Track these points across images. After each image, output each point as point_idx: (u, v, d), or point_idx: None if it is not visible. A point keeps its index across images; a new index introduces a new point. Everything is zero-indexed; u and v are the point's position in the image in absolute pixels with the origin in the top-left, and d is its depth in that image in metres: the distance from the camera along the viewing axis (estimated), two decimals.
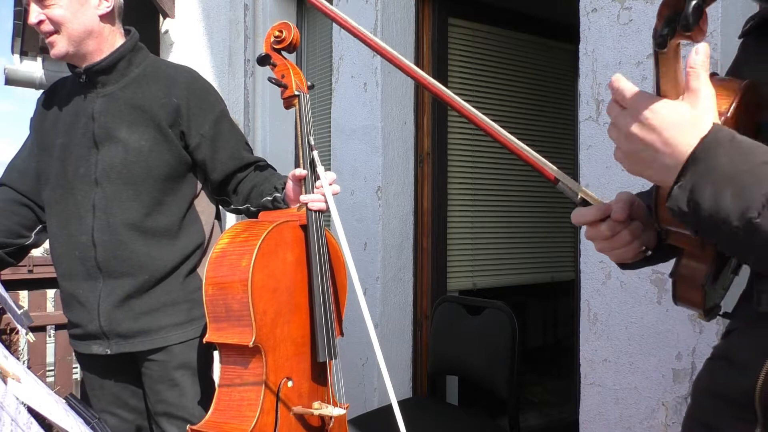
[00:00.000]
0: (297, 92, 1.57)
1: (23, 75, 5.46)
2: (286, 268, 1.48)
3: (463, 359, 2.29)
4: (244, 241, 1.45)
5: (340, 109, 2.93)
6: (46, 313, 2.96)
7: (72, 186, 1.63)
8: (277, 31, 1.59)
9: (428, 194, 2.81)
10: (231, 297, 1.42)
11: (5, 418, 0.81)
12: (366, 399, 2.68)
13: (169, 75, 1.67)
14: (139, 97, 1.63)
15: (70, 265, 1.65)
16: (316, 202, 1.49)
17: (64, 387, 2.87)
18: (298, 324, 1.50)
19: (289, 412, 1.45)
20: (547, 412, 3.67)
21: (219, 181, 1.70)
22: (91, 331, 1.64)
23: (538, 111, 3.48)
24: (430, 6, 2.84)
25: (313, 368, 1.52)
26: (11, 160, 1.79)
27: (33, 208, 1.72)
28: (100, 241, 1.60)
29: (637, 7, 1.66)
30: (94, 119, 1.62)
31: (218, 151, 1.67)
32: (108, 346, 1.64)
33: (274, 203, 1.60)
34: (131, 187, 1.61)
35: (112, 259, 1.61)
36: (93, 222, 1.61)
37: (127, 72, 1.66)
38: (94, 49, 1.62)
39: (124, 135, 1.61)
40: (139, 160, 1.60)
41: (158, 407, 1.67)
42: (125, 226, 1.60)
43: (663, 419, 1.60)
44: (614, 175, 1.71)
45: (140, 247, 1.61)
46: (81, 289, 1.64)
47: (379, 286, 2.67)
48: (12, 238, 1.68)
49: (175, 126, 1.63)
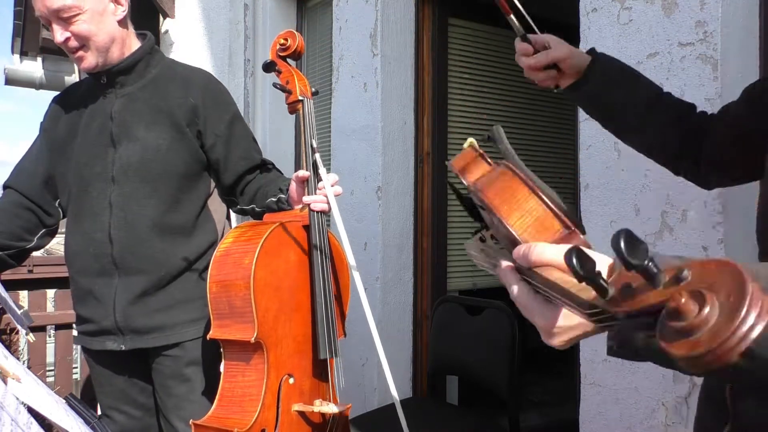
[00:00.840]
0: (301, 97, 1.61)
1: (23, 75, 5.47)
2: (288, 267, 1.52)
3: (463, 359, 2.29)
4: (248, 240, 1.49)
5: (340, 109, 2.93)
6: (46, 313, 2.96)
7: (87, 184, 1.65)
8: (283, 39, 1.65)
9: (428, 194, 2.81)
10: (234, 294, 1.45)
11: (5, 418, 0.81)
12: (366, 399, 2.68)
13: (185, 76, 1.72)
14: (158, 97, 1.67)
15: (85, 262, 1.67)
16: (318, 203, 1.52)
17: (64, 387, 2.87)
18: (300, 322, 1.53)
19: (291, 408, 1.48)
20: (547, 412, 3.67)
21: (231, 181, 1.74)
22: (106, 326, 1.66)
23: (538, 111, 3.48)
24: (430, 6, 2.84)
25: (315, 366, 1.55)
26: (19, 162, 1.80)
27: (37, 212, 1.73)
28: (117, 238, 1.63)
29: (637, 7, 1.66)
30: (112, 119, 1.65)
31: (231, 151, 1.71)
32: (123, 342, 1.66)
33: (279, 204, 1.63)
34: (149, 185, 1.64)
35: (129, 256, 1.63)
36: (110, 219, 1.63)
37: (145, 73, 1.70)
38: (117, 54, 1.66)
39: (142, 134, 1.64)
40: (156, 158, 1.63)
41: (168, 402, 1.69)
42: (143, 223, 1.63)
43: (663, 419, 1.60)
44: (614, 175, 1.71)
45: (157, 243, 1.64)
46: (97, 285, 1.66)
47: (379, 286, 2.67)
48: (14, 240, 1.69)
49: (192, 125, 1.67)
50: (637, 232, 1.04)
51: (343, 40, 2.90)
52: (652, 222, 1.63)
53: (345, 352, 2.45)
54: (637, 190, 1.66)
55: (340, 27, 2.94)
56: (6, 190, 1.75)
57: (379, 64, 2.68)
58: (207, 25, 3.97)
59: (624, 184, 1.69)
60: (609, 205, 1.72)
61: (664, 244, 1.59)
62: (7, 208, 1.71)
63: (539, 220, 0.65)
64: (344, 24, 2.91)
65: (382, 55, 2.69)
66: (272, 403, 1.45)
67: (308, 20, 3.65)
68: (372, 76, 2.72)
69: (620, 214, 1.69)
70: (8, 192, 1.74)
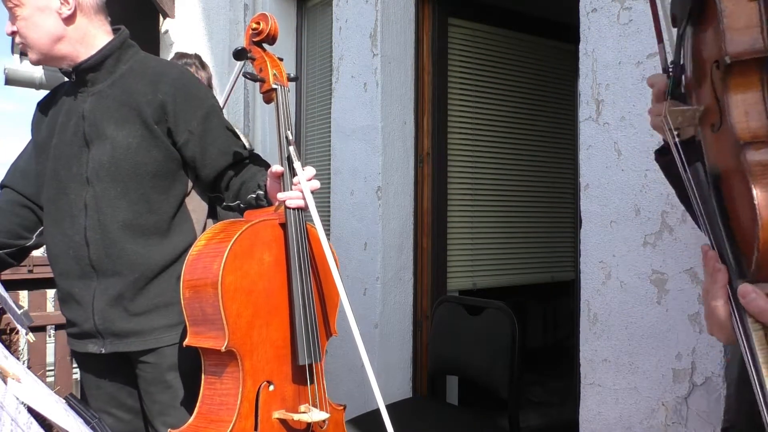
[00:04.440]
0: (275, 85, 1.52)
1: (23, 75, 5.46)
2: (262, 269, 1.44)
3: (463, 359, 2.29)
4: (219, 242, 1.42)
5: (340, 109, 2.93)
6: (46, 313, 2.96)
7: (65, 185, 1.63)
8: (255, 24, 1.54)
9: (428, 194, 2.81)
10: (205, 300, 1.39)
11: (5, 418, 0.81)
12: (366, 399, 2.68)
13: (156, 71, 1.64)
14: (126, 94, 1.61)
15: (66, 264, 1.65)
16: (293, 199, 1.45)
17: (64, 387, 2.87)
18: (278, 326, 1.45)
19: (271, 416, 1.42)
20: (547, 412, 3.67)
21: (211, 178, 1.68)
22: (87, 329, 1.64)
23: (538, 111, 3.48)
24: (430, 6, 2.84)
25: (297, 371, 1.47)
26: (14, 161, 1.79)
27: (34, 210, 1.72)
28: (93, 240, 1.60)
29: (637, 7, 1.66)
30: (84, 118, 1.62)
31: (207, 148, 1.65)
32: (102, 345, 1.64)
33: (257, 201, 1.58)
34: (119, 185, 1.59)
35: (105, 258, 1.60)
36: (85, 221, 1.60)
37: (115, 69, 1.64)
38: (69, 52, 1.61)
39: (112, 132, 1.60)
40: (126, 157, 1.59)
41: (153, 409, 1.66)
42: (115, 225, 1.60)
43: (663, 419, 1.60)
44: (614, 175, 1.71)
45: (131, 245, 1.60)
46: (77, 288, 1.64)
47: (379, 286, 2.67)
48: (12, 239, 1.68)
49: (161, 123, 1.61)
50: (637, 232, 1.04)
51: (343, 40, 2.90)
52: (652, 222, 1.62)
53: (344, 352, 2.44)
54: (637, 190, 1.66)
55: (340, 27, 2.94)
56: (2, 189, 1.75)
57: (379, 64, 2.68)
58: (207, 25, 3.97)
59: (624, 184, 1.69)
60: (609, 205, 1.72)
61: (664, 244, 1.59)
62: (4, 207, 1.70)
63: None
64: (344, 24, 2.91)
65: (382, 55, 2.69)
66: (250, 412, 1.39)
67: (308, 20, 3.65)
68: (372, 76, 2.72)
69: (620, 214, 1.69)
70: (5, 191, 1.74)
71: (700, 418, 1.53)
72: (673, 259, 1.57)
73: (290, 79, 1.56)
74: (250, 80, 1.55)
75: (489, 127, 3.22)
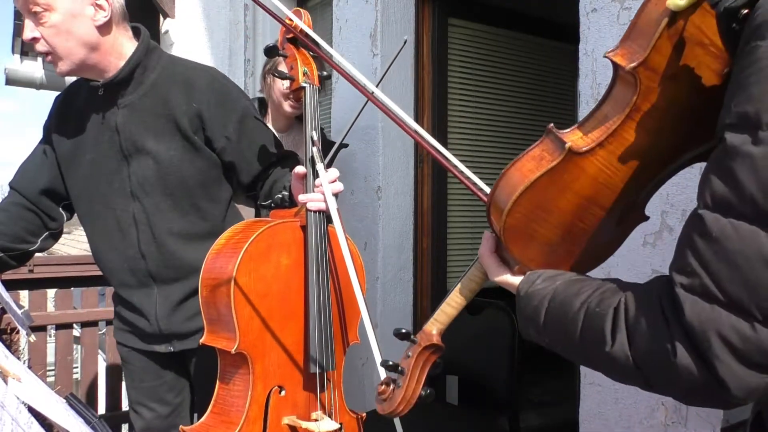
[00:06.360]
0: (304, 83, 1.47)
1: (23, 75, 5.46)
2: (279, 272, 1.40)
3: (463, 359, 2.29)
4: (237, 242, 1.40)
5: (340, 109, 2.93)
6: (46, 312, 2.96)
7: (108, 201, 1.62)
8: (288, 20, 1.46)
9: (428, 194, 2.81)
10: (219, 300, 1.38)
11: (6, 417, 0.82)
12: (366, 399, 2.68)
13: (187, 78, 1.61)
14: (161, 105, 1.58)
15: (122, 276, 1.67)
16: (314, 201, 1.42)
17: (65, 387, 2.86)
18: (293, 331, 1.42)
19: (281, 422, 1.40)
20: (547, 412, 3.67)
21: (249, 180, 1.67)
22: (150, 332, 1.67)
23: (538, 111, 3.49)
24: (430, 6, 2.84)
25: (310, 377, 1.42)
26: (23, 163, 1.76)
27: (40, 215, 1.71)
28: (149, 253, 1.62)
29: (636, 7, 1.65)
30: (118, 132, 1.58)
31: (245, 151, 1.63)
32: (170, 345, 1.67)
33: (282, 201, 1.56)
34: (169, 199, 1.59)
35: (164, 268, 1.62)
36: (138, 235, 1.61)
37: (144, 78, 1.59)
38: (99, 61, 1.54)
39: (151, 146, 1.57)
40: (171, 171, 1.58)
41: (206, 401, 1.68)
42: (170, 236, 1.61)
43: (662, 419, 1.60)
44: None
45: (189, 253, 1.61)
46: (136, 297, 1.66)
47: (379, 286, 2.67)
48: (16, 243, 1.67)
49: (199, 132, 1.59)
50: (636, 232, 1.04)
51: (343, 40, 2.90)
52: (652, 222, 1.62)
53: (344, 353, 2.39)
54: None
55: (340, 27, 2.94)
56: (10, 190, 1.74)
57: (379, 64, 2.68)
58: (207, 25, 3.97)
59: None
60: None
61: (664, 244, 1.59)
62: (10, 210, 1.69)
63: None
64: (344, 24, 2.91)
65: (382, 55, 2.69)
66: (258, 416, 1.36)
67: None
68: (372, 76, 2.72)
69: None
70: (12, 193, 1.73)
71: (700, 418, 1.53)
72: None
73: (323, 77, 1.51)
74: (279, 78, 1.49)
75: (489, 127, 3.22)
